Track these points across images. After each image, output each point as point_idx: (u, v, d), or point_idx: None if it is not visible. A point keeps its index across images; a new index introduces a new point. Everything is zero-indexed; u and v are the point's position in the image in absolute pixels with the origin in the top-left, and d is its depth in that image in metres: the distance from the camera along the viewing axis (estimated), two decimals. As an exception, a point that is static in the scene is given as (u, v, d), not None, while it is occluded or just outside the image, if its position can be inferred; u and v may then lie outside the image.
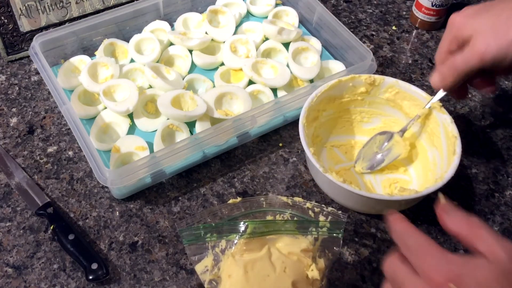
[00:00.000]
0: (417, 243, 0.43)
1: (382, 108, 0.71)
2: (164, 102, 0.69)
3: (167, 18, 0.84)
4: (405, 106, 0.69)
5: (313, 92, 0.66)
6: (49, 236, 0.63)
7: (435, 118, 0.65)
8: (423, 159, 0.68)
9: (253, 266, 0.50)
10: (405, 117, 0.69)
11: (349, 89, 0.69)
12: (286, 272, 0.50)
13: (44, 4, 0.80)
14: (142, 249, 0.62)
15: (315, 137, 0.69)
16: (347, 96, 0.69)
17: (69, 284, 0.59)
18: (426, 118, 0.67)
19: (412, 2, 0.93)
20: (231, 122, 0.66)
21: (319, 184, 0.66)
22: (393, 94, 0.69)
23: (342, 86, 0.68)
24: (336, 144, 0.72)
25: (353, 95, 0.70)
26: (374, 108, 0.71)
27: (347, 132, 0.73)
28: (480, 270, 0.40)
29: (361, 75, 0.68)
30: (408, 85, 0.67)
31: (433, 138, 0.66)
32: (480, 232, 0.42)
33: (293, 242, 0.52)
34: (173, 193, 0.67)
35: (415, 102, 0.67)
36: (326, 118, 0.70)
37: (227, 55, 0.79)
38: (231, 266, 0.51)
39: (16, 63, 0.82)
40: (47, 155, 0.70)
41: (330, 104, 0.69)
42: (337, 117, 0.71)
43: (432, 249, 0.42)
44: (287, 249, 0.52)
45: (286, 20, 0.87)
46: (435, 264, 0.41)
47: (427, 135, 0.68)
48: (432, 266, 0.41)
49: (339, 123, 0.72)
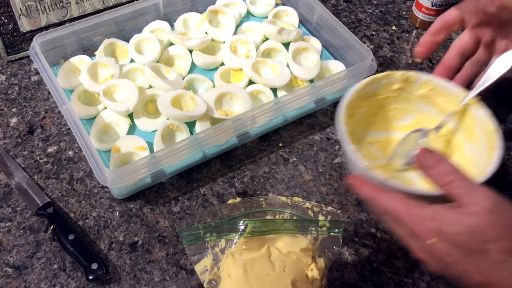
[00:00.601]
0: (391, 207, 0.46)
1: (416, 105, 0.70)
2: (164, 102, 0.69)
3: (167, 18, 0.84)
4: (440, 102, 0.68)
5: (349, 90, 0.65)
6: (49, 236, 0.63)
7: (472, 113, 0.64)
8: (460, 155, 0.67)
9: (253, 265, 0.50)
10: (440, 113, 0.68)
11: (384, 86, 0.68)
12: (286, 271, 0.50)
13: (44, 4, 0.80)
14: (142, 249, 0.62)
15: (351, 134, 0.69)
16: (382, 93, 0.69)
17: (69, 284, 0.59)
18: (463, 114, 0.66)
19: (412, 2, 0.93)
20: (231, 122, 0.66)
21: None
22: (427, 90, 0.68)
23: (377, 83, 0.67)
24: (371, 141, 0.71)
25: (388, 92, 0.69)
26: (408, 105, 0.70)
27: (382, 129, 0.72)
28: (459, 222, 0.42)
29: (396, 71, 0.67)
30: (443, 81, 0.67)
31: (470, 134, 0.66)
32: (458, 184, 0.45)
33: (292, 242, 0.52)
34: (173, 193, 0.67)
35: (450, 98, 0.66)
36: (361, 116, 0.69)
37: (227, 55, 0.79)
38: (230, 266, 0.51)
39: (16, 63, 0.82)
40: (47, 155, 0.70)
41: (365, 101, 0.68)
42: (372, 114, 0.71)
43: (408, 209, 0.45)
44: (287, 249, 0.52)
45: (286, 20, 0.87)
46: (415, 223, 0.44)
47: (463, 131, 0.67)
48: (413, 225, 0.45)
49: (374, 120, 0.71)
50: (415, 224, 0.45)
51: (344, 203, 0.67)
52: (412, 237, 0.46)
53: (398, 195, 0.47)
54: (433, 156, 0.48)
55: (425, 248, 0.45)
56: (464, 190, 0.44)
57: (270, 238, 0.52)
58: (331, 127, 0.76)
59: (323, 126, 0.76)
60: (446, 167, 0.47)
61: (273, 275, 0.50)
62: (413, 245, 0.46)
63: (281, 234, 0.53)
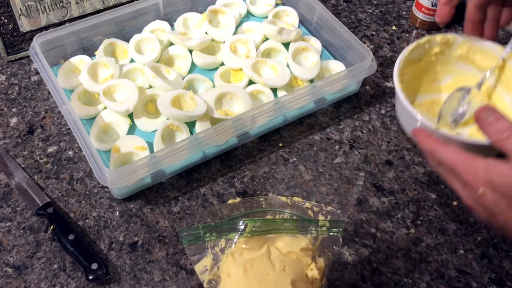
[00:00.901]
0: (448, 158, 0.51)
1: (455, 65, 0.73)
2: (164, 102, 0.69)
3: (167, 18, 0.84)
4: (477, 60, 0.70)
5: (399, 57, 0.68)
6: (49, 236, 0.63)
7: (510, 66, 0.68)
8: (501, 106, 0.70)
9: (253, 265, 0.50)
10: (478, 71, 0.71)
11: (425, 51, 0.71)
12: (286, 271, 0.50)
13: (44, 4, 0.80)
14: (142, 249, 0.62)
15: None
16: (424, 58, 0.71)
17: (69, 284, 0.59)
18: (501, 69, 0.69)
19: (412, 2, 0.93)
20: (231, 122, 0.66)
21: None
22: (465, 50, 0.70)
23: (420, 48, 0.70)
24: (417, 105, 0.73)
25: (429, 56, 0.71)
26: (447, 66, 0.73)
27: (426, 92, 0.74)
28: (508, 175, 0.46)
29: (436, 35, 0.70)
30: (480, 40, 0.69)
31: (509, 85, 0.69)
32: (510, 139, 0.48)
33: (292, 241, 0.52)
34: (173, 193, 0.67)
35: (487, 55, 0.69)
36: (406, 81, 0.72)
37: (227, 55, 0.79)
38: (230, 265, 0.51)
39: (16, 63, 0.82)
40: (47, 155, 0.70)
41: (409, 67, 0.71)
42: (415, 79, 0.73)
43: (464, 160, 0.50)
44: (287, 248, 0.52)
45: (286, 20, 0.87)
46: (468, 174, 0.49)
47: (503, 84, 0.69)
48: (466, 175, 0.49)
49: (417, 85, 0.74)
50: (469, 174, 0.49)
51: (344, 203, 0.67)
52: (465, 186, 0.50)
53: (456, 148, 0.51)
54: (493, 113, 0.51)
55: (475, 197, 0.49)
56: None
57: (270, 238, 0.52)
58: (331, 127, 0.76)
59: (323, 126, 0.76)
60: (504, 124, 0.50)
61: (273, 274, 0.50)
62: (465, 195, 0.50)
63: (281, 234, 0.53)
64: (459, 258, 0.63)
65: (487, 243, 0.64)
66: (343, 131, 0.75)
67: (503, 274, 0.62)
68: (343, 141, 0.74)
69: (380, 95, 0.80)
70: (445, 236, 0.64)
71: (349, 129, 0.75)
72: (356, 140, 0.74)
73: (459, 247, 0.63)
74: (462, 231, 0.65)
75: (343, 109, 0.78)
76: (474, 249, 0.63)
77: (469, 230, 0.65)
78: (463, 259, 0.63)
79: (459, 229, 0.65)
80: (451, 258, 0.63)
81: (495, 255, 0.63)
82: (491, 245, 0.64)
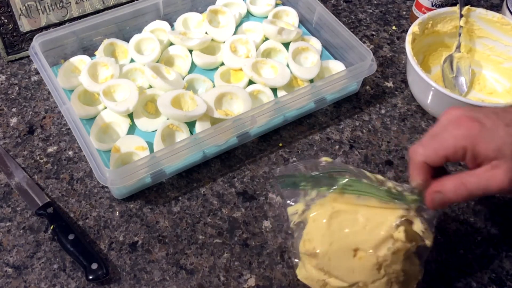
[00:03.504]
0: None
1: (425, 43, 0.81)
2: (164, 102, 0.69)
3: (167, 18, 0.84)
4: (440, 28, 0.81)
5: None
6: (49, 236, 0.63)
7: (471, 18, 0.78)
8: (483, 56, 0.81)
9: (338, 216, 0.54)
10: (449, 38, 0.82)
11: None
12: (367, 229, 0.52)
13: (44, 4, 0.80)
14: (142, 249, 0.62)
15: None
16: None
17: (69, 284, 0.59)
18: (466, 24, 0.79)
19: (412, 2, 0.93)
20: (231, 122, 0.66)
21: (433, 110, 0.74)
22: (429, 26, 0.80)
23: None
24: None
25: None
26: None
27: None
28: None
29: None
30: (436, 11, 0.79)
31: (477, 33, 0.80)
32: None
33: (382, 206, 0.53)
34: (173, 193, 0.67)
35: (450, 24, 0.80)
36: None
37: (227, 55, 0.79)
38: (318, 212, 0.55)
39: (16, 63, 0.82)
40: (47, 155, 0.70)
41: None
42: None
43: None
44: (376, 211, 0.53)
45: (286, 20, 0.87)
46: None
47: (473, 35, 0.80)
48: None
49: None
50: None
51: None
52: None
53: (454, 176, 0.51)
54: (439, 191, 0.51)
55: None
56: None
57: (361, 198, 0.54)
58: (331, 127, 0.76)
59: (323, 126, 0.76)
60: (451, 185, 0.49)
61: (354, 230, 0.53)
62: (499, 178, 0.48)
63: (373, 198, 0.54)
64: (459, 258, 0.63)
65: (487, 243, 0.64)
66: (343, 131, 0.75)
67: (503, 274, 0.62)
68: (343, 141, 0.74)
69: (380, 95, 0.80)
70: (445, 236, 0.64)
71: (349, 129, 0.76)
72: (356, 140, 0.74)
73: (459, 247, 0.63)
74: (462, 231, 0.65)
75: (343, 109, 0.78)
76: (474, 249, 0.63)
77: (469, 230, 0.65)
78: (463, 259, 0.63)
79: (459, 229, 0.65)
80: (451, 258, 0.63)
81: (495, 255, 0.63)
82: (491, 245, 0.64)
